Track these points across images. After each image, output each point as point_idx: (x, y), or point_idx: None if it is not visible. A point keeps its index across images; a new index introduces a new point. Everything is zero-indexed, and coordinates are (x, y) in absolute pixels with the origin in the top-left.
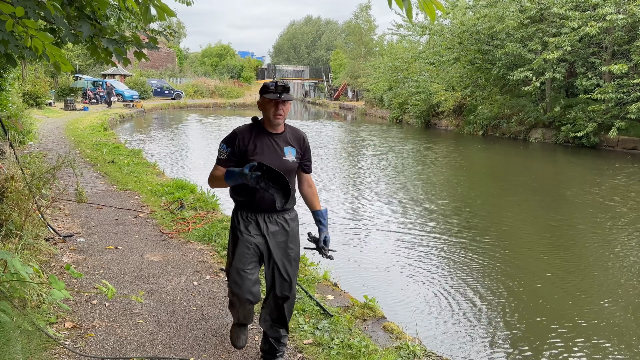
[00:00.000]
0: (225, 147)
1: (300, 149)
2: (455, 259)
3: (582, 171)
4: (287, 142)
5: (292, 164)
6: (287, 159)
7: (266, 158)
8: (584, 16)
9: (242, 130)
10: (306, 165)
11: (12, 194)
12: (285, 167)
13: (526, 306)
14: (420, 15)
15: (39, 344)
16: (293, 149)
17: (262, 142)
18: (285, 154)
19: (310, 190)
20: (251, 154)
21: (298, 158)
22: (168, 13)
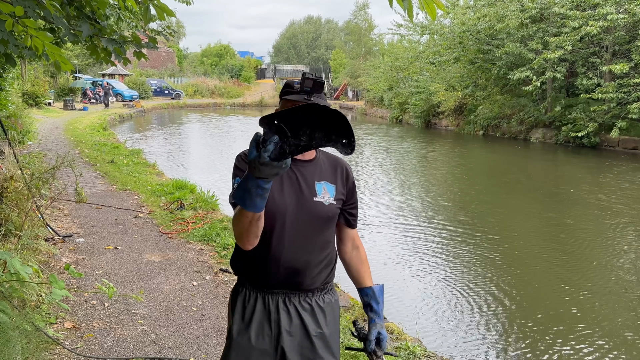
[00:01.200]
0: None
1: (342, 186)
2: (455, 259)
3: (582, 171)
4: (321, 175)
5: (329, 210)
6: (321, 201)
7: (287, 198)
8: (584, 16)
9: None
10: (351, 213)
11: (11, 194)
12: (316, 214)
13: (527, 306)
14: (421, 15)
15: (39, 344)
16: (330, 185)
17: (282, 176)
18: (318, 192)
19: (357, 254)
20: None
21: (339, 201)
22: (167, 13)
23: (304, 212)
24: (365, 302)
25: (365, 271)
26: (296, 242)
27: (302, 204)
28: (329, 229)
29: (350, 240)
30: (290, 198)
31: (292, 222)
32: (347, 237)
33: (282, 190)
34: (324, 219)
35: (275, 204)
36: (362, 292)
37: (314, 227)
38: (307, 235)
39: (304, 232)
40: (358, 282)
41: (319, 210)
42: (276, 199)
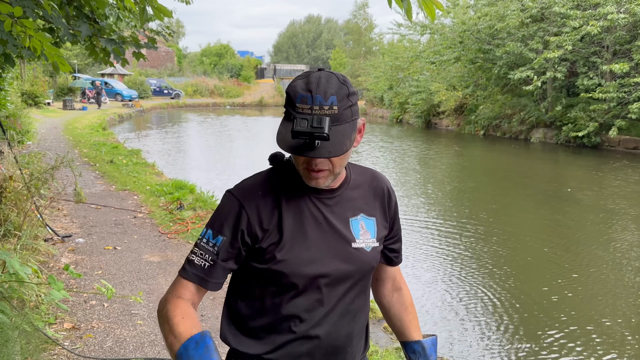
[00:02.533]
0: (210, 234)
1: (383, 216)
2: (455, 259)
3: (583, 171)
4: (355, 206)
5: (373, 258)
6: (361, 247)
7: (314, 251)
8: (585, 15)
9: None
10: (393, 250)
11: (10, 194)
12: (359, 268)
13: (527, 307)
14: (421, 15)
15: (38, 344)
16: (369, 219)
17: (301, 214)
18: (356, 234)
19: (398, 298)
20: (280, 247)
21: (379, 239)
22: (165, 14)
23: (341, 267)
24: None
25: (410, 320)
26: (335, 312)
27: (337, 255)
28: (370, 279)
29: (390, 280)
30: (319, 250)
31: (327, 284)
32: (387, 276)
33: (305, 238)
34: (368, 271)
35: (300, 261)
36: (408, 348)
37: (356, 286)
38: (349, 299)
39: (345, 296)
40: (401, 334)
41: (361, 261)
42: (301, 254)
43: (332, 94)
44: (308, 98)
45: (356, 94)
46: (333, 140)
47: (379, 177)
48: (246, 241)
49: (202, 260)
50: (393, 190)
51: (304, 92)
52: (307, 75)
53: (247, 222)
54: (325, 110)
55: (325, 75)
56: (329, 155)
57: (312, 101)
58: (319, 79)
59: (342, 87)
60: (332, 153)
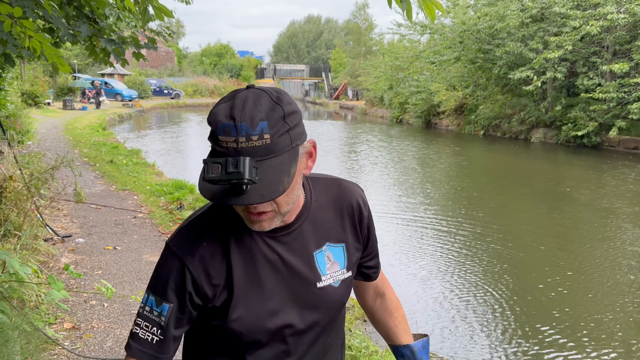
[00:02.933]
0: (153, 301)
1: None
2: (455, 259)
3: (582, 171)
4: (320, 235)
5: (343, 293)
6: (329, 284)
7: (272, 302)
8: (585, 15)
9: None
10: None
11: (10, 194)
12: (328, 308)
13: (528, 306)
14: (421, 15)
15: (38, 344)
16: (337, 247)
17: (254, 259)
18: (322, 270)
19: (381, 303)
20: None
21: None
22: (166, 14)
23: (306, 314)
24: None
25: (397, 324)
26: (305, 358)
27: (299, 302)
28: (343, 313)
29: (372, 288)
30: (278, 299)
31: (293, 334)
32: (368, 286)
33: (261, 288)
34: (338, 309)
35: (258, 316)
36: (397, 353)
37: (327, 327)
38: (320, 343)
39: (315, 342)
40: (389, 339)
41: (329, 302)
42: (258, 308)
43: (261, 119)
44: (231, 128)
45: (297, 112)
46: (266, 178)
47: (346, 190)
48: (196, 303)
49: (148, 334)
50: (365, 201)
51: (226, 120)
52: (233, 96)
53: (193, 282)
54: (254, 142)
55: (253, 95)
56: (261, 200)
57: (236, 132)
58: (245, 100)
59: (274, 107)
60: (266, 196)
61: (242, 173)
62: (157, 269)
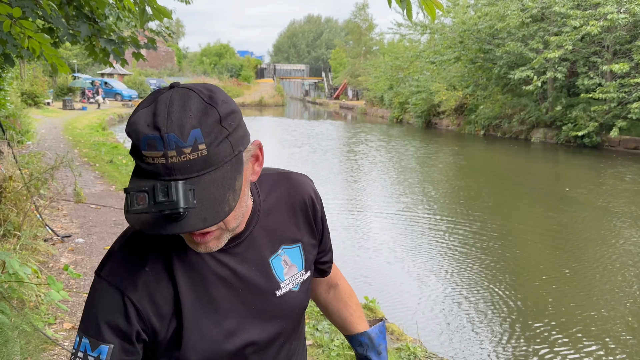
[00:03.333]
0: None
1: (310, 233)
2: (456, 260)
3: (583, 171)
4: (273, 241)
5: (304, 296)
6: (287, 290)
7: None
8: (585, 15)
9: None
10: (324, 262)
11: (10, 194)
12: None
13: (527, 306)
14: (421, 15)
15: (38, 344)
16: (293, 248)
17: (202, 278)
18: (280, 276)
19: (335, 294)
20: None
21: (310, 264)
22: (164, 15)
23: (268, 328)
24: (361, 355)
25: (352, 313)
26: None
27: (260, 315)
28: (304, 317)
29: (324, 282)
30: (236, 317)
31: (256, 351)
32: (320, 281)
33: (215, 309)
34: (300, 313)
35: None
36: (354, 342)
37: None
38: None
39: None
40: (344, 329)
41: (290, 309)
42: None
43: (192, 126)
44: (157, 140)
45: (235, 112)
46: (206, 198)
47: (296, 184)
48: (142, 339)
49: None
50: (317, 193)
51: (149, 130)
52: (154, 99)
53: (138, 315)
54: (187, 155)
55: (179, 97)
56: (204, 225)
57: (163, 145)
58: (170, 104)
59: (207, 110)
60: (209, 220)
61: (175, 202)
62: (89, 306)
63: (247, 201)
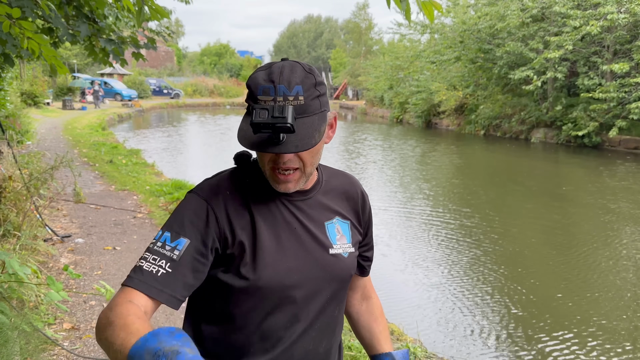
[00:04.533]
0: (168, 237)
1: (357, 219)
2: (455, 259)
3: (583, 171)
4: (330, 209)
5: (351, 265)
6: (339, 253)
7: (290, 261)
8: (585, 15)
9: (218, 186)
10: (366, 257)
11: (10, 194)
12: (337, 276)
13: (527, 306)
14: (421, 15)
15: (37, 344)
16: (344, 222)
17: (274, 219)
18: (332, 240)
19: (367, 307)
20: (253, 254)
21: (356, 243)
22: (162, 15)
23: (319, 276)
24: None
25: (380, 331)
26: (314, 328)
27: (315, 264)
28: (347, 290)
29: (360, 289)
30: (296, 258)
31: (305, 296)
32: (357, 285)
33: (280, 246)
34: (346, 280)
35: (275, 271)
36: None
37: (335, 297)
38: (328, 313)
39: (324, 309)
40: (371, 347)
41: (339, 269)
42: (275, 264)
43: (297, 83)
44: (270, 89)
45: (324, 84)
46: (300, 133)
47: (352, 180)
48: (215, 247)
49: (154, 267)
50: (367, 195)
51: (265, 83)
52: (270, 65)
53: (216, 223)
54: (290, 101)
55: (289, 65)
56: (296, 150)
57: (274, 92)
58: (282, 68)
59: (308, 76)
60: (300, 147)
61: (285, 118)
62: (178, 209)
63: (320, 156)
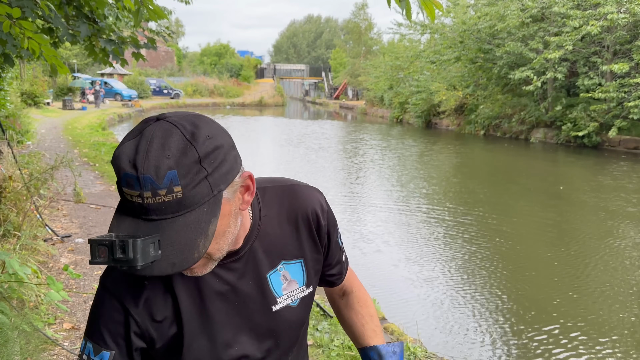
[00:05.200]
0: (91, 350)
1: (312, 248)
2: (456, 260)
3: (582, 171)
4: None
5: (304, 312)
6: (286, 305)
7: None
8: (585, 15)
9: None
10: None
11: (10, 194)
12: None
13: (527, 306)
14: (421, 15)
15: (38, 344)
16: (294, 264)
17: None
18: (277, 292)
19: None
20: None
21: (312, 280)
22: (160, 15)
23: (263, 342)
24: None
25: (363, 324)
26: None
27: (254, 329)
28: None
29: (338, 289)
30: (231, 330)
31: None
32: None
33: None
34: (298, 326)
35: (211, 352)
36: (363, 356)
37: (290, 345)
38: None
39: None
40: (356, 341)
41: (286, 323)
42: (209, 344)
43: (169, 167)
44: (134, 180)
45: (220, 147)
46: (178, 242)
47: (301, 198)
48: (139, 347)
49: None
50: (324, 207)
51: (129, 168)
52: (141, 131)
53: (136, 325)
54: (162, 197)
55: (161, 134)
56: (172, 270)
57: (139, 185)
58: (151, 141)
59: (186, 150)
60: (177, 266)
61: (132, 260)
62: (93, 311)
63: (235, 230)
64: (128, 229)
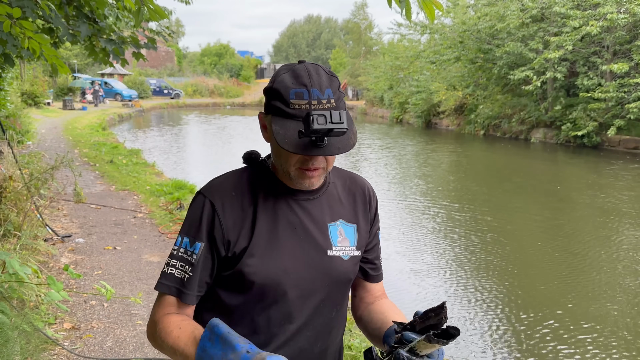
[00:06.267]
0: (187, 242)
1: (365, 222)
2: (455, 260)
3: (582, 171)
4: (334, 211)
5: (350, 268)
6: (338, 255)
7: (286, 259)
8: (585, 15)
9: (225, 188)
10: (373, 263)
11: (10, 194)
12: (334, 278)
13: (527, 306)
14: (421, 15)
15: (38, 344)
16: (349, 226)
17: (276, 218)
18: (333, 241)
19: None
20: (250, 252)
21: (360, 247)
22: (161, 15)
23: (314, 277)
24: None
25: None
26: (309, 327)
27: (310, 264)
28: (348, 293)
29: (370, 295)
30: (292, 257)
31: (299, 296)
32: (367, 292)
33: (278, 245)
34: (344, 282)
35: (270, 269)
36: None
37: (331, 298)
38: (324, 312)
39: (319, 309)
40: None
41: (336, 271)
42: (271, 262)
43: (326, 86)
44: (304, 93)
45: None
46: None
47: (358, 179)
48: (220, 247)
49: (182, 273)
50: (374, 193)
51: (296, 86)
52: (292, 68)
53: (220, 226)
54: (324, 105)
55: (312, 68)
56: (338, 152)
57: (308, 96)
58: (309, 71)
59: (331, 78)
60: (342, 149)
61: (343, 123)
62: (189, 213)
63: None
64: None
